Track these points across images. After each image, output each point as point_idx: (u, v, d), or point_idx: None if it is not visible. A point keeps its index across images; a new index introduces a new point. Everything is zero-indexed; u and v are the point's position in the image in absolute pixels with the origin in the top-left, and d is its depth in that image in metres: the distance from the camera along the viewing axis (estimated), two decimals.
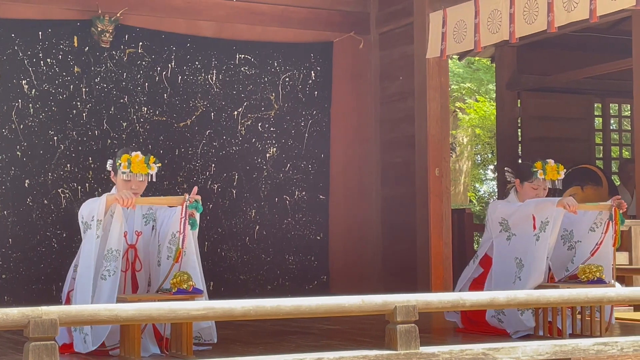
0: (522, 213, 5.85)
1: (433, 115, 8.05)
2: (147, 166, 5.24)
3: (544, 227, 5.71)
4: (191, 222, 5.06)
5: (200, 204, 5.12)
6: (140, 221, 5.31)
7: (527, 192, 6.03)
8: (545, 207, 5.76)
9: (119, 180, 5.29)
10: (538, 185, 5.98)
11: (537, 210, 5.77)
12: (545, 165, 5.97)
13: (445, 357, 4.53)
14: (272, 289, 8.23)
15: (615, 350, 4.92)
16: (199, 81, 8.16)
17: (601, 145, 11.51)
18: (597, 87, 10.81)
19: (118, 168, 5.24)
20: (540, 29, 6.70)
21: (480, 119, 16.59)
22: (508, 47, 10.22)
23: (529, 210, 5.81)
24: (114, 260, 5.02)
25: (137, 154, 5.24)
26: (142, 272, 5.26)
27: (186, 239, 5.04)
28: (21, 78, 7.57)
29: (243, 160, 8.28)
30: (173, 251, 5.07)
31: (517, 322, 5.65)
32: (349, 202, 8.71)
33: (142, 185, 5.31)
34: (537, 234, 5.74)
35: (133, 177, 5.23)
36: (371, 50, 8.80)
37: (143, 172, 5.24)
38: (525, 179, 6.04)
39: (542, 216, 5.74)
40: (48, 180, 7.62)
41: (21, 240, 7.49)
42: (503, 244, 5.94)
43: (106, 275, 4.99)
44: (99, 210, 5.01)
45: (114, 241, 5.03)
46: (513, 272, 5.80)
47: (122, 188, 5.26)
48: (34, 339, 3.83)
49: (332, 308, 4.45)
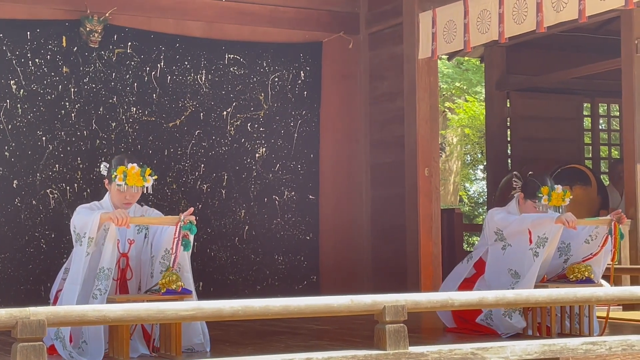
0: (518, 226, 5.79)
1: (422, 115, 8.06)
2: (143, 179, 5.18)
3: (542, 243, 5.64)
4: (184, 244, 4.97)
5: (194, 225, 5.00)
6: (133, 230, 5.24)
7: (529, 208, 5.98)
8: (543, 224, 5.68)
9: (113, 190, 5.25)
10: (540, 206, 5.92)
11: (535, 225, 5.70)
12: (551, 191, 5.90)
13: (434, 357, 4.53)
14: (261, 289, 8.22)
15: (604, 349, 4.93)
16: (188, 81, 8.15)
17: (590, 145, 11.54)
18: (586, 87, 10.83)
19: (113, 180, 5.19)
20: (529, 29, 6.71)
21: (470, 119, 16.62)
22: (497, 47, 10.24)
23: (525, 225, 5.75)
24: (105, 279, 4.94)
25: (133, 165, 5.16)
26: (132, 280, 5.21)
27: (177, 260, 4.96)
28: (9, 78, 7.54)
29: (232, 160, 8.27)
30: (166, 266, 5.03)
31: (507, 326, 5.64)
32: (338, 202, 8.71)
33: (136, 196, 5.26)
34: (534, 249, 5.66)
35: (128, 189, 5.19)
36: (360, 50, 8.80)
37: (138, 185, 5.18)
38: (529, 197, 5.98)
39: (540, 232, 5.67)
40: (36, 181, 7.60)
41: (9, 240, 7.46)
42: (498, 253, 5.90)
43: (97, 294, 4.92)
44: (92, 228, 4.92)
45: (106, 260, 4.95)
46: (508, 282, 5.76)
47: (116, 199, 5.22)
48: (22, 339, 3.82)
49: (321, 308, 4.45)
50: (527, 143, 10.47)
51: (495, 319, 5.67)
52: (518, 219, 5.86)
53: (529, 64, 10.48)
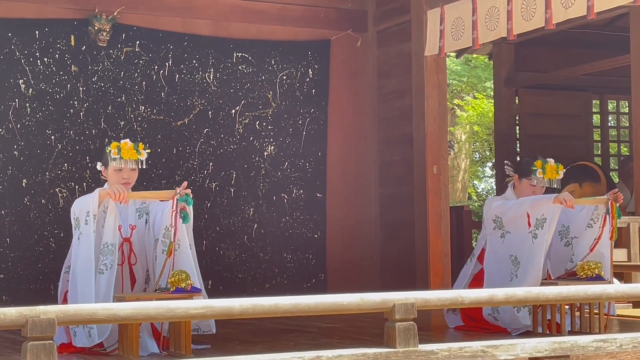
0: (516, 211, 5.83)
1: (431, 112, 8.04)
2: (137, 152, 5.27)
3: (540, 224, 5.69)
4: (182, 215, 5.06)
5: (190, 197, 5.09)
6: (134, 215, 5.32)
7: (525, 188, 6.02)
8: (541, 205, 5.74)
9: (110, 171, 5.31)
10: (536, 183, 5.97)
11: (532, 207, 5.75)
12: (545, 164, 5.96)
13: (444, 355, 4.52)
14: (270, 288, 8.22)
15: (614, 347, 4.91)
16: (196, 80, 8.15)
17: (599, 142, 11.51)
18: (595, 84, 10.80)
19: (108, 155, 5.27)
20: (537, 25, 6.69)
21: (478, 116, 16.59)
22: (505, 44, 10.21)
23: (523, 208, 5.79)
24: (110, 254, 5.02)
25: (125, 141, 5.28)
26: (138, 266, 5.26)
27: (177, 232, 5.03)
28: (18, 77, 7.56)
29: (241, 158, 8.27)
30: (167, 244, 5.07)
31: (513, 320, 5.63)
32: (346, 200, 8.70)
33: (134, 175, 5.33)
34: (532, 231, 5.71)
35: (124, 165, 5.24)
36: (368, 48, 8.79)
37: (133, 158, 5.26)
38: (523, 175, 6.04)
39: (538, 213, 5.72)
40: (45, 180, 7.61)
41: (19, 239, 7.48)
42: (497, 241, 5.93)
43: (103, 269, 5.00)
44: (93, 205, 5.02)
45: (109, 235, 5.04)
46: (509, 270, 5.78)
47: (114, 180, 5.28)
48: (32, 338, 3.82)
49: (331, 306, 4.44)
50: (536, 140, 10.44)
51: (502, 311, 5.67)
52: (516, 203, 5.89)
53: (537, 61, 10.46)
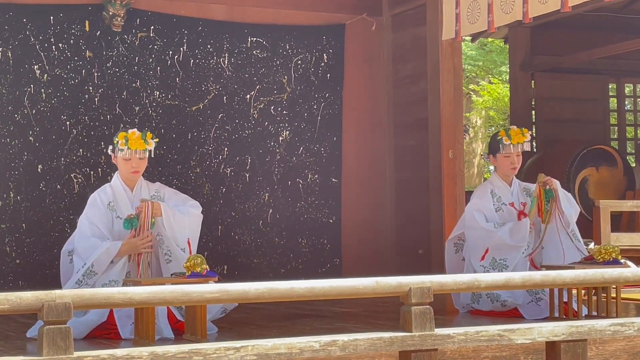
0: (479, 242, 6.01)
1: (446, 97, 7.98)
2: (145, 142, 5.26)
3: (496, 266, 5.86)
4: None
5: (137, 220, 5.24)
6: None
7: (502, 163, 6.20)
8: (509, 249, 5.90)
9: (119, 160, 5.34)
10: (509, 153, 6.14)
11: (495, 247, 5.92)
12: (508, 131, 6.15)
13: (461, 339, 4.50)
14: (285, 273, 8.22)
15: (632, 330, 4.88)
16: (211, 65, 8.13)
17: (616, 125, 11.45)
18: (612, 67, 10.74)
19: (116, 146, 5.27)
20: (553, 8, 6.63)
21: (494, 101, 16.53)
22: (521, 28, 10.15)
23: (485, 243, 5.97)
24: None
25: (133, 131, 5.28)
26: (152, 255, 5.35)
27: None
28: (33, 63, 7.56)
29: (256, 143, 8.26)
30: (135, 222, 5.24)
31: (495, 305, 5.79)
32: (361, 186, 8.68)
33: (143, 164, 5.34)
34: (483, 265, 5.92)
35: (132, 155, 5.24)
36: (383, 32, 8.74)
37: (141, 148, 5.26)
38: (495, 151, 6.22)
39: (500, 255, 5.83)
40: (61, 165, 7.63)
41: (35, 225, 7.50)
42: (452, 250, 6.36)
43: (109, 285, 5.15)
44: (105, 258, 5.16)
45: (114, 275, 5.20)
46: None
47: (123, 169, 5.31)
48: (48, 322, 3.83)
49: (346, 290, 4.43)
50: (552, 124, 10.40)
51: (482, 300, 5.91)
52: (488, 232, 6.01)
53: (553, 45, 10.40)
